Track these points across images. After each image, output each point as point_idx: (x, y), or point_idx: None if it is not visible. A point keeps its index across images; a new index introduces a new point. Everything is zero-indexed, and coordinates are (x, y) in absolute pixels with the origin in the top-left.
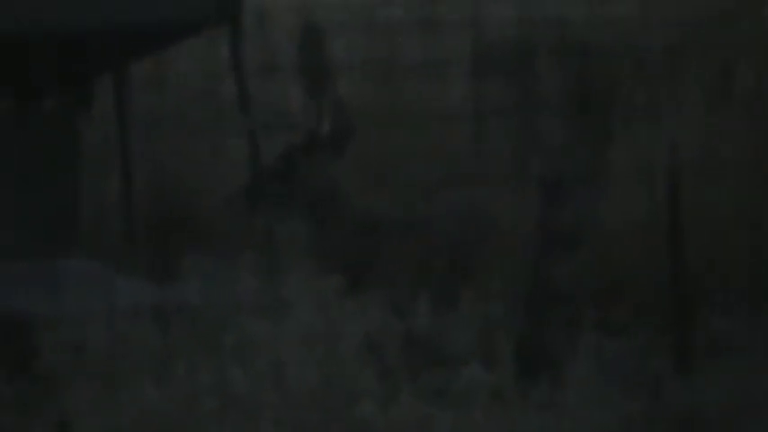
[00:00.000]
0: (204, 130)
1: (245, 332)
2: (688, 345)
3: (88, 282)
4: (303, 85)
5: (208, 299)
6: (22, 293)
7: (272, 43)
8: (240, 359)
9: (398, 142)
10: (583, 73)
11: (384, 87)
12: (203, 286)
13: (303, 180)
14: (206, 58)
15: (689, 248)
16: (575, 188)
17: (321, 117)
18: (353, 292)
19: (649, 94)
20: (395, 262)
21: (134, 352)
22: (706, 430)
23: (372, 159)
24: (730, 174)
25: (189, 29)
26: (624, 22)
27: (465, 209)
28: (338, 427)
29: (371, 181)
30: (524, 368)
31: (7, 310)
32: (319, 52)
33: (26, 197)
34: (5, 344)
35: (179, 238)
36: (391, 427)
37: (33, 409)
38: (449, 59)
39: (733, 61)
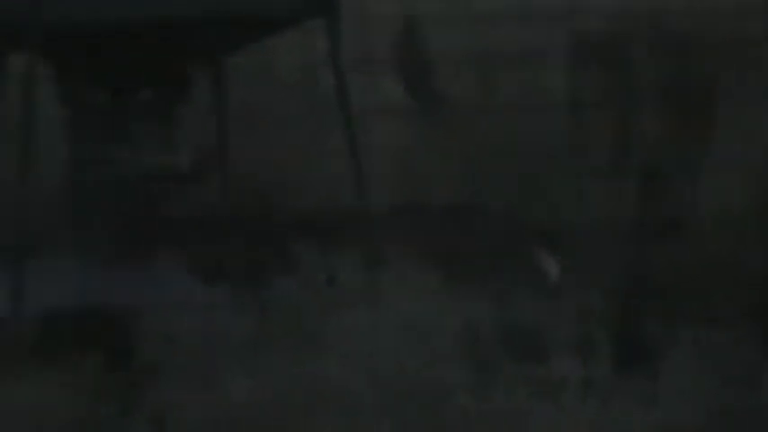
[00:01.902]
0: (302, 123)
1: (341, 324)
2: None
3: (185, 273)
4: (401, 77)
5: (304, 291)
6: (120, 285)
7: (370, 35)
8: (336, 351)
9: (495, 133)
10: (682, 63)
11: (481, 79)
12: (300, 278)
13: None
14: (303, 51)
15: None
16: (673, 180)
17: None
18: (451, 284)
19: (749, 85)
20: (492, 253)
21: (229, 344)
22: None
23: (468, 151)
24: None
25: (287, 21)
26: (724, 11)
27: (561, 200)
28: (434, 420)
29: (468, 172)
30: (621, 359)
31: (105, 301)
32: (417, 44)
33: (117, 190)
34: (102, 335)
35: (277, 231)
36: (487, 419)
37: (130, 401)
38: (546, 50)
39: None
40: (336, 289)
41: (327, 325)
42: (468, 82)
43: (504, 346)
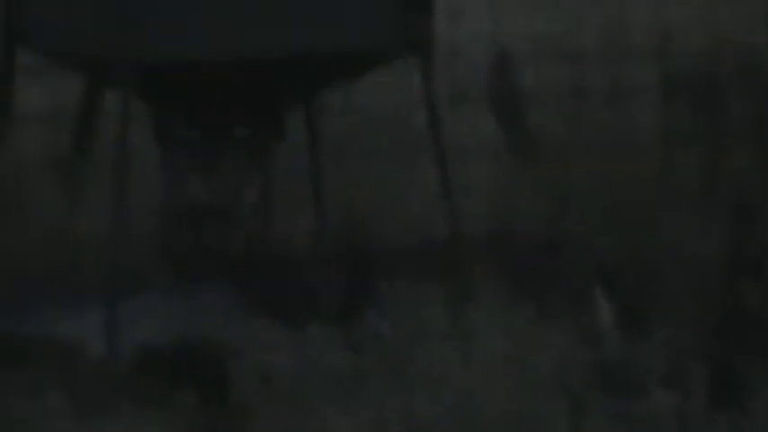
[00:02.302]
0: (395, 161)
1: (432, 360)
2: None
3: (277, 309)
4: (493, 114)
5: (396, 327)
6: (213, 322)
7: (462, 73)
8: (428, 387)
9: (586, 171)
10: None
11: (572, 117)
12: (392, 314)
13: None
14: (396, 88)
15: None
16: (765, 213)
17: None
18: (541, 318)
19: None
20: (582, 288)
21: (322, 380)
22: None
23: (559, 187)
24: None
25: (380, 59)
26: None
27: (653, 234)
28: None
29: (557, 209)
30: (714, 396)
31: (199, 339)
32: (508, 82)
33: (211, 226)
34: (196, 373)
35: (369, 267)
36: None
37: None
38: (636, 87)
39: None
40: (427, 324)
41: (418, 360)
42: (559, 119)
43: (596, 382)
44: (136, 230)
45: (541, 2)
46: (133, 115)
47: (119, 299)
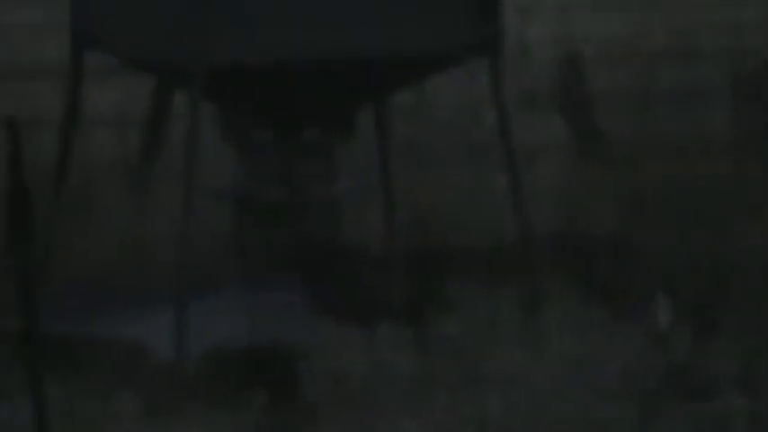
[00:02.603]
0: (465, 161)
1: (503, 362)
2: None
3: (348, 311)
4: (562, 116)
5: (468, 329)
6: (283, 323)
7: (532, 74)
8: (499, 389)
9: (655, 172)
10: None
11: (642, 118)
12: (464, 316)
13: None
14: (466, 89)
15: None
16: None
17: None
18: (612, 320)
19: None
20: (654, 291)
21: (393, 382)
22: None
23: (630, 189)
24: None
25: (450, 60)
26: None
27: (724, 236)
28: None
29: (629, 210)
30: None
31: (268, 340)
32: (578, 83)
33: (282, 227)
34: (267, 373)
35: (439, 269)
36: None
37: None
38: (707, 89)
39: None
40: (498, 326)
41: (489, 362)
42: (629, 120)
43: (666, 384)
44: (206, 232)
45: (611, 3)
46: (203, 117)
47: (188, 300)
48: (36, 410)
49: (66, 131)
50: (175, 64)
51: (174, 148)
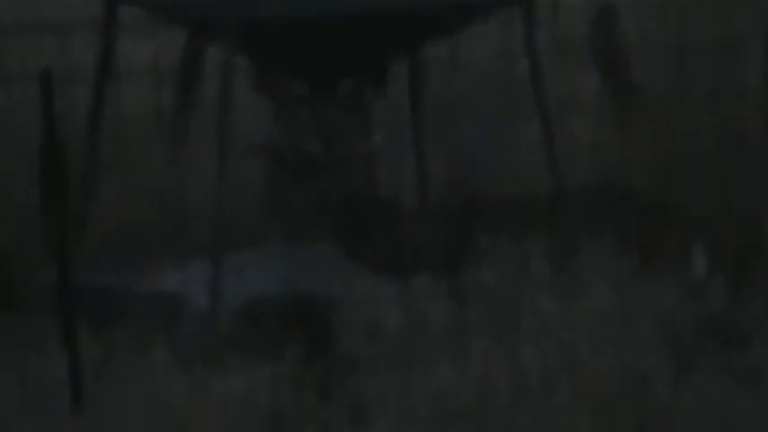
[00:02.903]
0: (497, 112)
1: (538, 313)
2: None
3: (382, 263)
4: (596, 66)
5: (502, 280)
6: (321, 275)
7: (566, 24)
8: (532, 340)
9: (688, 122)
10: None
11: (676, 67)
12: (498, 268)
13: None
14: (499, 40)
15: None
16: None
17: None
18: (647, 273)
19: None
20: (689, 243)
21: (429, 333)
22: None
23: (664, 140)
24: None
25: (483, 11)
26: None
27: (758, 187)
28: (631, 409)
29: (662, 161)
30: None
31: (305, 292)
32: (611, 34)
33: (319, 181)
34: (303, 325)
35: (472, 221)
36: (684, 409)
37: (330, 391)
38: (741, 38)
39: None
40: (532, 277)
41: (523, 313)
42: (662, 71)
43: (700, 334)
44: (241, 185)
45: None
46: (237, 70)
47: (224, 254)
48: (72, 363)
49: (99, 85)
50: (209, 17)
51: (208, 103)
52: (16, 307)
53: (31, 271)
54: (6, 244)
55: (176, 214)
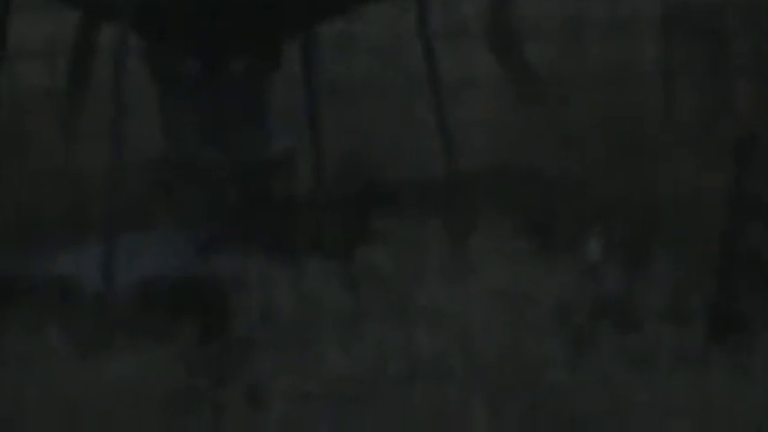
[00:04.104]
0: (390, 95)
1: (432, 296)
2: None
3: (277, 246)
4: (491, 49)
5: (396, 263)
6: (215, 257)
7: (460, 6)
8: (428, 323)
9: (585, 104)
10: None
11: (572, 49)
12: (392, 249)
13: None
14: (393, 21)
15: None
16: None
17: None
18: (542, 255)
19: None
20: (582, 225)
21: (323, 316)
22: None
23: (560, 121)
24: None
25: None
26: None
27: (654, 171)
28: (526, 392)
29: (559, 143)
30: (714, 332)
31: (198, 273)
32: (507, 16)
33: (213, 161)
34: (197, 307)
35: (366, 204)
36: (580, 391)
37: (224, 372)
38: (638, 20)
39: None
40: (427, 260)
41: (418, 295)
42: (559, 52)
43: (598, 317)
44: (134, 167)
45: None
46: (130, 49)
47: (117, 236)
48: None
49: None
50: None
51: (103, 82)
52: None
53: None
54: None
55: (70, 195)
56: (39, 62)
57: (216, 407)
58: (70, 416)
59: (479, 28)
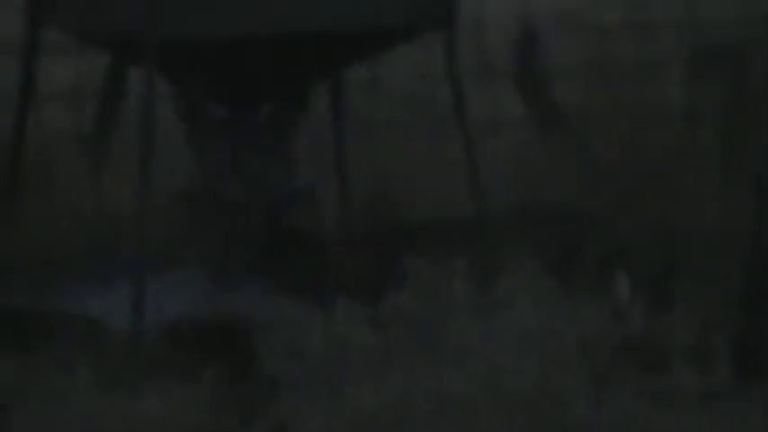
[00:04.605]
0: (420, 135)
1: (460, 335)
2: None
3: (305, 287)
4: (519, 89)
5: (424, 302)
6: (242, 298)
7: (488, 48)
8: (455, 362)
9: (614, 143)
10: None
11: (599, 90)
12: (419, 290)
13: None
14: (421, 63)
15: None
16: None
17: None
18: (568, 294)
19: None
20: (607, 263)
21: (351, 356)
22: None
23: (588, 161)
24: None
25: (404, 34)
26: None
27: (680, 208)
28: (551, 430)
29: (587, 183)
30: (739, 370)
31: (226, 316)
32: (534, 57)
33: (241, 202)
34: (225, 350)
35: (395, 243)
36: (604, 429)
37: (252, 413)
38: (663, 61)
39: None
40: (455, 299)
41: (444, 335)
42: (585, 93)
43: (620, 356)
44: (165, 209)
45: None
46: (158, 93)
47: (146, 276)
48: None
49: (21, 108)
50: (128, 37)
51: (130, 125)
52: None
53: None
54: None
55: (100, 236)
56: (67, 104)
57: None
58: None
59: (507, 68)
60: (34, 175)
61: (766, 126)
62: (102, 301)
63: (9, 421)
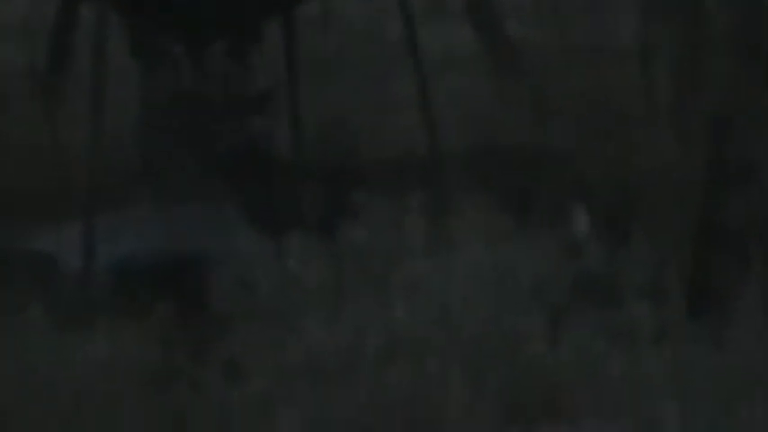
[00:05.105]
0: (371, 72)
1: (412, 272)
2: None
3: (257, 221)
4: (471, 25)
5: (375, 239)
6: (195, 234)
7: None
8: (407, 299)
9: (565, 80)
10: (752, 11)
11: (552, 26)
12: (371, 227)
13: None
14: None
15: None
16: (743, 126)
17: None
18: (521, 230)
19: None
20: (562, 201)
21: (301, 292)
22: None
23: (540, 98)
24: None
25: None
26: None
27: (630, 145)
28: (505, 368)
29: (540, 120)
30: (692, 306)
31: (180, 250)
32: None
33: (197, 141)
34: (176, 284)
35: (346, 180)
36: (559, 367)
37: (204, 348)
38: None
39: None
40: (407, 236)
41: (398, 272)
42: (538, 27)
43: (575, 293)
44: (115, 146)
45: None
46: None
47: (98, 214)
48: None
49: None
50: None
51: (82, 60)
52: None
53: None
54: None
55: (51, 174)
56: (19, 40)
57: (194, 382)
58: (49, 392)
59: (460, 4)
60: None
61: (719, 63)
62: (54, 238)
63: None
